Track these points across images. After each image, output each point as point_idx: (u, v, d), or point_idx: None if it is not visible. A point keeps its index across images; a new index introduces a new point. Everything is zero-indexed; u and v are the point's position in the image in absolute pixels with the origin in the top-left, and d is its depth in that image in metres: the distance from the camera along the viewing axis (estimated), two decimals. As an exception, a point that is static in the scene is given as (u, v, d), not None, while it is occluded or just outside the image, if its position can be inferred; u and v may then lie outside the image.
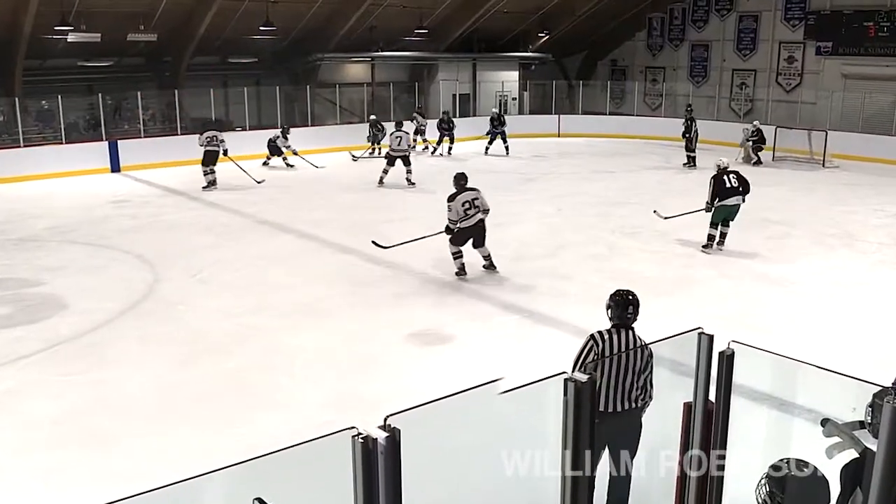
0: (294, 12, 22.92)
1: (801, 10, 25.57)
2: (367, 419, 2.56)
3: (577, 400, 2.79)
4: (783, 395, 6.02)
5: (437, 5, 25.18)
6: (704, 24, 28.40)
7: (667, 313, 9.18)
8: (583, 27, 29.15)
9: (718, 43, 28.07)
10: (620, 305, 5.14)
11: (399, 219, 14.43)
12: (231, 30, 22.43)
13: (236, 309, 9.45)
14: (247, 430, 6.38)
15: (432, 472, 4.24)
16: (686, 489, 3.77)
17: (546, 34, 28.89)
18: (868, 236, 13.14)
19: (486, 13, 25.75)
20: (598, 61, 31.87)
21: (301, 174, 19.82)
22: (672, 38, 29.48)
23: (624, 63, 31.19)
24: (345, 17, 23.60)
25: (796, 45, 25.99)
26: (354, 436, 2.42)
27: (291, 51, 25.11)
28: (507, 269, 11.22)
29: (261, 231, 13.57)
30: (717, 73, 28.30)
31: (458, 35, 27.11)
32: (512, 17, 27.42)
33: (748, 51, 27.34)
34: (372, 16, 24.10)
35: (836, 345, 8.23)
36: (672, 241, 12.82)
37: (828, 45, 24.93)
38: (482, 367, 7.49)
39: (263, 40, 23.49)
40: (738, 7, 27.32)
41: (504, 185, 18.22)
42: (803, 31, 25.63)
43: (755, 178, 15.88)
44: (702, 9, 28.37)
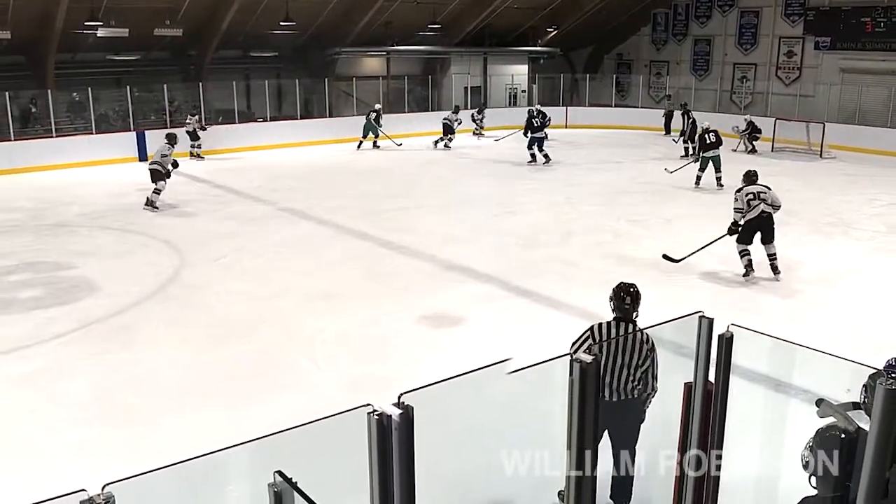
0: (313, 8, 22.90)
1: (801, 5, 25.36)
2: (382, 397, 2.58)
3: (582, 379, 2.79)
4: (780, 377, 6.02)
5: (450, 1, 25.11)
6: (707, 20, 28.21)
7: (670, 297, 9.20)
8: (590, 22, 29.00)
9: (720, 38, 27.89)
10: (618, 297, 5.05)
11: (414, 206, 14.45)
12: (252, 25, 22.42)
13: (258, 293, 9.49)
14: (268, 408, 6.42)
15: (444, 447, 4.27)
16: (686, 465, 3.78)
17: (554, 29, 28.77)
18: (864, 224, 13.07)
19: (497, 9, 25.66)
20: (605, 55, 31.72)
21: (323, 161, 19.82)
22: (676, 32, 29.30)
23: (629, 57, 31.04)
24: (361, 12, 23.57)
25: (796, 40, 25.79)
26: (370, 413, 2.43)
27: (310, 45, 25.10)
28: (516, 255, 11.23)
29: (281, 218, 13.60)
30: (718, 67, 28.13)
31: (470, 30, 27.03)
32: (522, 13, 27.32)
33: (749, 45, 27.14)
34: (387, 11, 24.05)
35: (831, 329, 8.22)
36: (676, 228, 12.79)
37: (826, 41, 24.73)
38: (491, 349, 7.51)
39: (283, 35, 23.48)
40: (739, 3, 27.11)
41: (514, 174, 18.21)
42: (802, 26, 25.43)
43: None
44: (704, 4, 28.17)
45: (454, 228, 12.81)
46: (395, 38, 25.94)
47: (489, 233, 12.56)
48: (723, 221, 10.37)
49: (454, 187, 16.55)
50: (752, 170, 10.39)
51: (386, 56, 27.08)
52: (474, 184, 17.06)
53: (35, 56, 20.43)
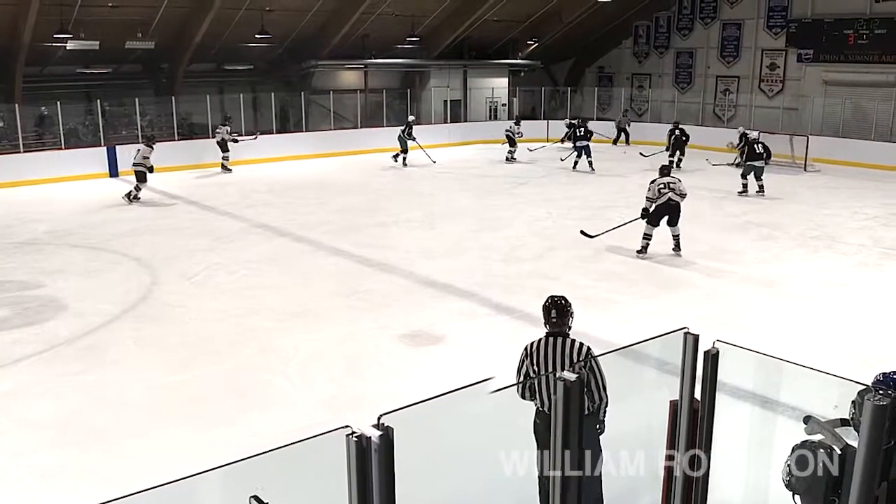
0: (288, 21, 22.91)
1: (783, 18, 25.68)
2: (360, 418, 2.56)
3: (566, 398, 2.79)
4: (767, 393, 6.03)
5: (429, 14, 25.21)
6: (689, 32, 28.49)
7: (653, 313, 9.24)
8: (571, 35, 29.20)
9: (703, 50, 28.17)
10: (545, 311, 4.99)
11: (392, 222, 14.44)
12: (227, 37, 22.38)
13: (232, 311, 9.42)
14: (243, 430, 6.36)
15: (425, 470, 4.24)
16: (673, 485, 3.78)
17: (535, 42, 28.96)
18: (849, 238, 13.19)
19: (477, 21, 25.79)
20: (586, 68, 31.94)
21: (299, 176, 19.78)
22: (657, 45, 29.57)
23: (611, 70, 31.27)
24: (338, 25, 23.60)
25: (778, 53, 26.10)
26: (348, 434, 2.41)
27: (286, 58, 25.10)
28: (497, 270, 11.23)
29: (256, 234, 13.54)
30: (701, 80, 28.40)
31: (450, 43, 27.14)
32: (502, 26, 27.48)
33: (732, 58, 27.43)
34: (365, 24, 24.11)
35: (818, 344, 8.26)
36: (658, 243, 12.84)
37: (809, 53, 25.06)
38: (473, 367, 7.49)
39: (259, 48, 23.48)
40: (721, 15, 27.42)
41: (494, 189, 18.25)
42: (785, 38, 25.74)
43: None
44: (686, 17, 28.46)
45: (433, 244, 12.80)
46: (373, 50, 25.99)
47: (469, 248, 12.56)
48: (711, 234, 10.44)
49: (433, 202, 16.56)
50: (666, 164, 12.97)
51: (364, 69, 27.11)
52: (454, 199, 17.07)
53: (2, 69, 20.27)
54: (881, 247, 12.72)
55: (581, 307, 5.43)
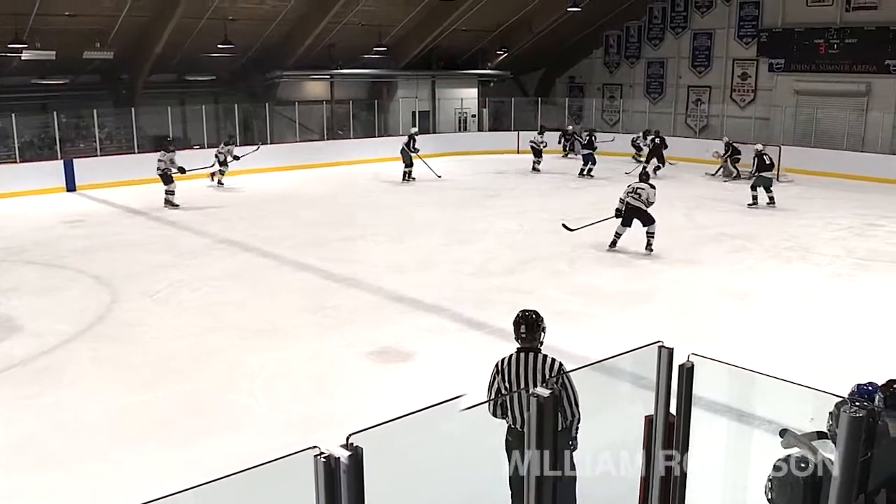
0: (252, 30, 22.84)
1: (754, 27, 26.06)
2: (328, 438, 2.54)
3: (540, 414, 2.79)
4: (742, 407, 6.09)
5: (396, 23, 25.27)
6: (660, 42, 28.81)
7: (627, 327, 9.29)
8: (541, 45, 29.36)
9: (674, 60, 28.48)
10: (515, 326, 5.01)
11: (360, 236, 14.41)
12: (188, 47, 22.25)
13: (195, 329, 9.33)
14: (207, 451, 6.29)
15: (395, 491, 4.22)
16: (649, 501, 3.79)
17: (504, 52, 29.09)
18: (822, 249, 13.37)
19: (445, 31, 25.87)
20: (557, 78, 32.15)
21: (264, 190, 19.68)
22: (628, 55, 29.86)
23: (581, 80, 31.51)
24: (303, 35, 23.56)
25: (749, 62, 26.47)
26: (316, 455, 2.40)
27: (250, 68, 25.00)
28: (467, 285, 11.24)
29: (220, 250, 13.43)
30: (672, 90, 28.69)
31: (418, 53, 27.21)
32: (470, 35, 27.60)
33: (703, 68, 27.77)
34: (331, 34, 24.09)
35: (794, 356, 8.35)
36: (631, 255, 12.95)
37: (780, 62, 25.43)
38: (444, 384, 7.47)
39: (221, 58, 23.37)
40: (692, 25, 27.76)
41: (465, 202, 18.28)
42: (756, 48, 26.11)
43: (722, 194, 16.14)
44: (657, 27, 28.79)
45: (402, 258, 12.79)
46: (339, 61, 25.97)
47: (439, 262, 12.57)
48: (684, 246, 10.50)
49: (402, 215, 16.56)
50: (645, 171, 14.47)
51: (330, 80, 27.08)
52: (423, 212, 17.08)
53: (-46, 80, 20.03)
54: (855, 257, 12.91)
55: (554, 321, 5.46)
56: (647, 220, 12.94)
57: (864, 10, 23.26)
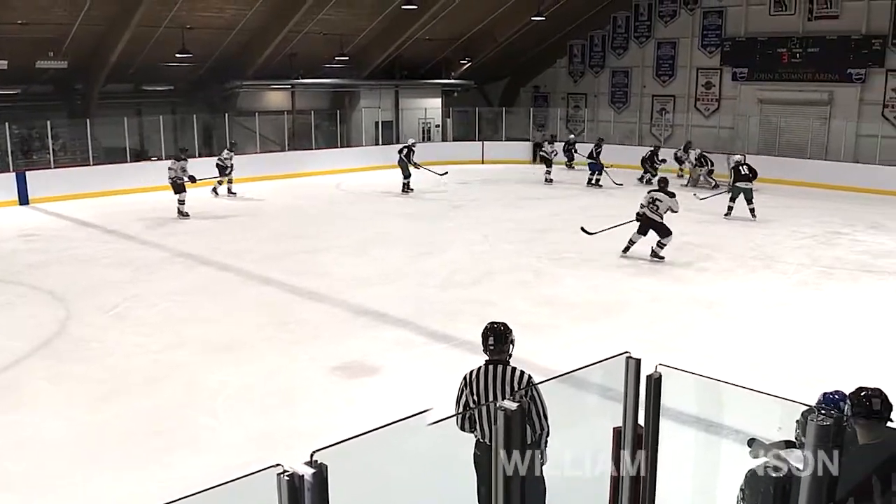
0: (211, 39, 22.71)
1: (717, 37, 26.44)
2: (292, 456, 2.52)
3: (507, 427, 2.80)
4: (710, 417, 6.15)
5: (358, 32, 25.27)
6: (624, 52, 29.10)
7: (594, 338, 9.33)
8: (504, 54, 29.54)
9: (638, 69, 28.78)
10: (483, 338, 5.03)
11: (324, 248, 14.35)
12: (145, 57, 22.07)
13: (154, 346, 9.22)
14: (167, 471, 6.22)
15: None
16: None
17: (468, 61, 29.22)
18: (787, 257, 13.56)
19: (408, 40, 25.92)
20: (521, 88, 32.33)
21: (224, 202, 19.54)
22: (593, 64, 30.12)
23: (546, 89, 31.72)
24: (263, 44, 23.48)
25: (713, 72, 26.84)
26: (280, 473, 2.38)
27: (209, 78, 24.84)
28: (433, 297, 11.24)
29: (179, 264, 13.30)
30: (637, 99, 28.99)
31: (380, 62, 27.23)
32: (434, 45, 27.69)
33: (667, 77, 28.10)
34: (291, 43, 24.03)
35: (761, 365, 8.45)
36: (598, 266, 13.03)
37: (743, 72, 25.83)
38: (410, 398, 7.46)
39: (179, 68, 23.22)
40: (655, 34, 28.09)
41: (431, 213, 18.31)
42: (719, 57, 26.49)
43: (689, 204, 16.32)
44: (621, 36, 29.09)
45: (367, 270, 12.75)
46: (301, 70, 25.92)
47: (404, 275, 12.55)
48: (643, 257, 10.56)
49: (367, 227, 16.52)
50: (663, 177, 14.10)
51: (291, 90, 27.02)
52: (387, 223, 17.06)
53: None
54: (819, 266, 13.11)
55: (521, 333, 5.45)
56: (664, 233, 13.14)
57: (825, 20, 23.73)
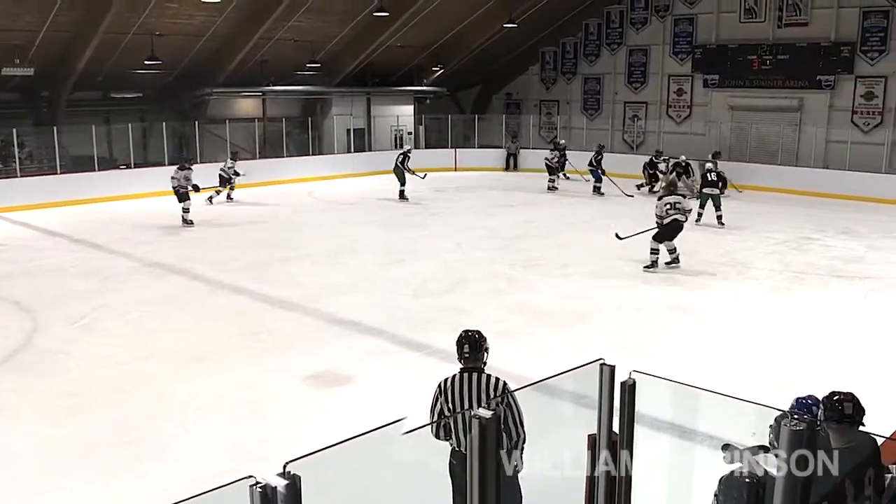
0: (181, 46, 22.56)
1: (689, 44, 26.67)
2: (265, 467, 2.50)
3: (482, 436, 2.79)
4: (685, 423, 6.18)
5: (330, 39, 25.23)
6: (596, 59, 29.26)
7: (568, 345, 9.36)
8: (477, 61, 29.61)
9: (610, 76, 28.95)
10: (458, 346, 5.04)
11: (295, 257, 14.29)
12: (113, 64, 21.88)
13: (123, 356, 9.13)
14: (138, 485, 6.16)
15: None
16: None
17: (440, 68, 29.27)
18: (759, 263, 13.69)
19: (380, 47, 25.90)
20: (493, 95, 32.42)
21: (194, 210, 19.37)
22: (565, 71, 30.26)
23: (518, 96, 31.81)
24: (234, 50, 23.37)
25: (685, 78, 27.06)
26: (252, 485, 2.36)
27: (178, 86, 24.66)
28: (406, 306, 11.23)
29: (149, 273, 13.19)
30: (609, 106, 29.14)
31: (352, 69, 27.19)
32: (406, 52, 27.69)
33: (639, 84, 28.29)
34: (262, 50, 23.92)
35: (734, 370, 8.52)
36: (571, 273, 13.07)
37: (714, 78, 26.07)
38: (384, 408, 7.43)
39: (148, 75, 23.03)
40: (627, 41, 28.27)
41: (401, 221, 18.30)
42: (691, 64, 26.71)
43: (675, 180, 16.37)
44: (593, 43, 29.24)
45: (339, 279, 12.71)
46: (272, 77, 25.82)
47: (376, 283, 12.53)
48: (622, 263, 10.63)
49: (339, 235, 16.48)
50: (673, 180, 13.92)
51: (262, 97, 26.89)
52: (360, 231, 17.03)
53: None
54: (791, 271, 13.25)
55: (495, 341, 5.46)
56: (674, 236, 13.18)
57: (795, 27, 24.02)
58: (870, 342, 9.74)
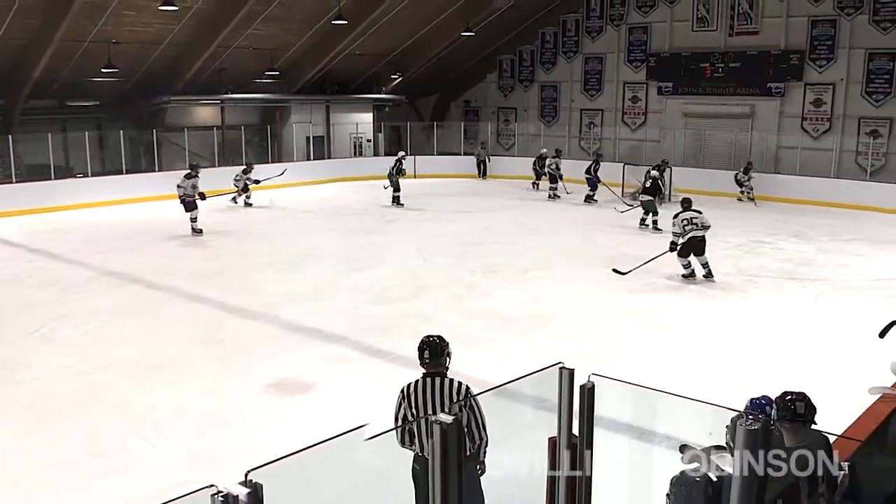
0: (138, 54, 22.32)
1: (643, 52, 26.98)
2: (227, 476, 2.48)
3: (444, 441, 2.79)
4: (643, 425, 6.23)
5: (288, 47, 25.11)
6: (552, 66, 29.46)
7: (528, 350, 9.40)
8: (435, 69, 29.69)
9: (567, 84, 29.16)
10: (419, 351, 5.09)
11: (255, 265, 14.18)
12: (69, 72, 21.58)
13: (82, 367, 8.99)
14: (101, 495, 6.08)
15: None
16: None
17: (399, 76, 29.28)
18: (715, 267, 13.82)
19: (339, 55, 25.85)
20: (452, 102, 32.49)
21: (153, 219, 19.16)
22: (522, 79, 30.43)
23: (476, 104, 31.91)
24: (192, 58, 23.17)
25: (639, 86, 27.35)
26: (214, 494, 2.34)
27: (136, 93, 24.37)
28: (367, 312, 11.20)
29: (106, 283, 12.99)
30: (566, 113, 29.34)
31: (311, 77, 27.08)
32: (364, 60, 27.65)
33: (595, 91, 28.53)
34: (220, 58, 23.74)
35: (691, 372, 8.61)
36: (530, 279, 13.13)
37: (668, 86, 26.40)
38: (346, 414, 7.41)
39: (105, 83, 22.72)
40: (583, 49, 28.50)
41: (362, 228, 18.24)
42: (645, 72, 27.02)
43: (618, 216, 16.52)
44: (549, 51, 29.45)
45: (299, 286, 12.64)
46: (230, 85, 25.63)
47: (337, 290, 12.48)
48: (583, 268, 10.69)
49: (299, 243, 16.39)
50: (687, 197, 13.73)
51: (220, 104, 26.67)
52: (320, 238, 16.96)
53: None
54: (745, 275, 13.44)
55: (456, 346, 5.47)
56: (702, 250, 12.77)
57: (746, 36, 24.43)
58: (821, 343, 9.91)
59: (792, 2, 23.52)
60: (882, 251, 15.69)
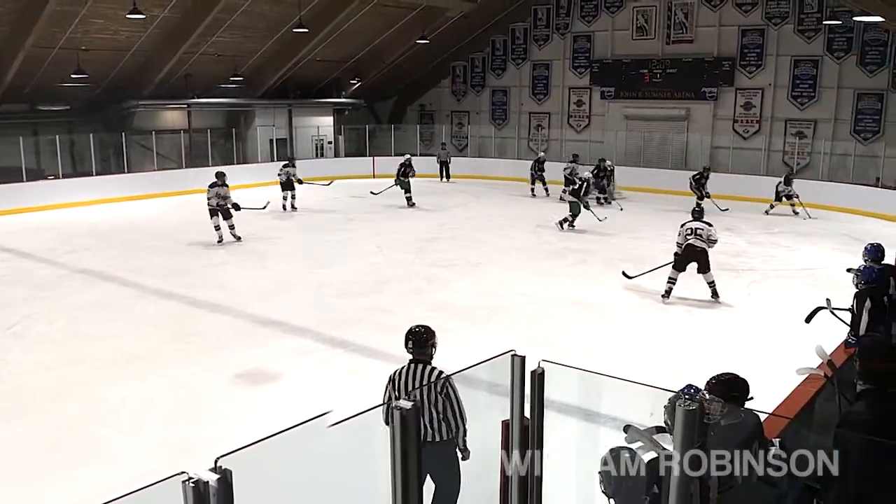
0: (107, 60, 21.93)
1: (587, 59, 27.18)
2: (198, 463, 2.46)
3: (403, 426, 2.80)
4: (590, 407, 6.28)
5: (252, 54, 24.88)
6: (503, 72, 29.55)
7: (483, 339, 9.43)
8: (392, 75, 29.64)
9: (516, 88, 29.27)
10: (405, 340, 5.27)
11: (222, 262, 14.05)
12: (40, 77, 21.13)
13: (54, 362, 8.83)
14: (75, 486, 5.97)
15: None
16: (509, 499, 3.86)
17: (358, 81, 29.17)
18: (656, 260, 13.96)
19: (300, 61, 25.68)
20: (408, 106, 32.43)
21: (122, 219, 18.85)
22: (474, 84, 30.48)
23: (431, 108, 31.90)
24: (159, 64, 22.83)
25: (584, 90, 27.56)
26: (185, 481, 2.31)
27: (105, 98, 23.93)
28: (330, 305, 11.15)
29: (78, 280, 12.76)
30: (515, 116, 29.45)
31: (274, 82, 26.86)
32: (325, 66, 27.50)
33: (542, 95, 28.68)
34: (186, 64, 23.44)
35: (634, 359, 8.72)
36: (484, 272, 13.18)
37: (610, 90, 26.64)
38: (311, 403, 7.37)
39: (75, 88, 22.29)
40: (531, 56, 28.63)
41: (325, 226, 18.14)
42: (589, 77, 27.24)
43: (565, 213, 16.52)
44: (499, 58, 29.53)
45: (265, 283, 12.55)
46: (196, 90, 25.31)
47: (302, 285, 12.40)
48: (532, 262, 10.74)
49: (264, 241, 16.24)
50: (697, 206, 12.80)
51: (187, 109, 26.33)
52: (285, 237, 16.83)
53: None
54: (683, 266, 13.60)
55: (414, 337, 5.48)
56: (705, 266, 11.35)
57: (682, 44, 24.78)
58: (753, 328, 10.10)
59: (724, 12, 23.89)
60: (807, 242, 16.02)
